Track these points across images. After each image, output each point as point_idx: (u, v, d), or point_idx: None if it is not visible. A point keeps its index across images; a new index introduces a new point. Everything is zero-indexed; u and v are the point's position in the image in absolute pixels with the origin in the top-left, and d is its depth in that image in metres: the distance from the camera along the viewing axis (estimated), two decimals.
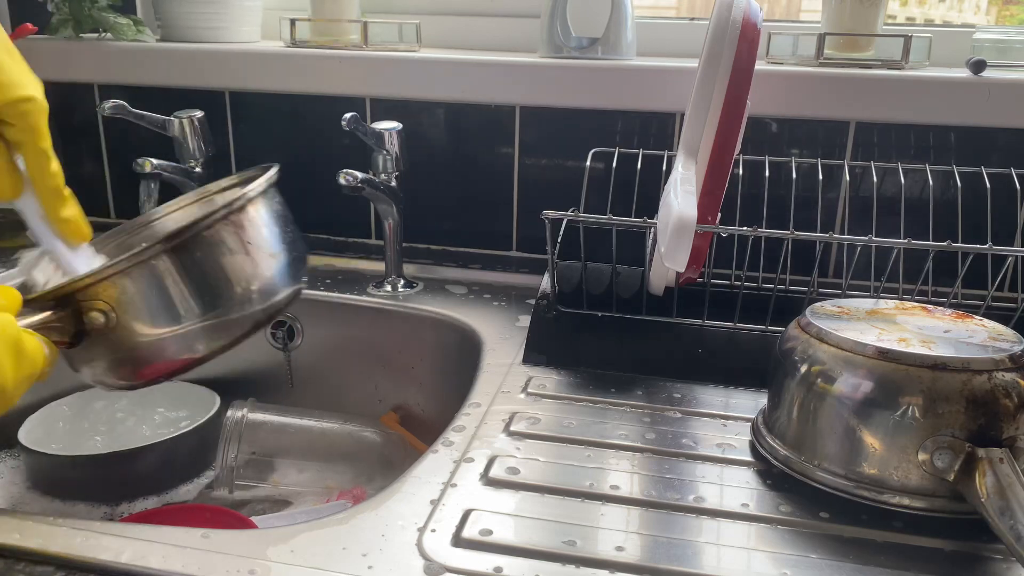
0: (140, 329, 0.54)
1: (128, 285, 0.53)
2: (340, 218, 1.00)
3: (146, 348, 0.55)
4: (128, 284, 0.53)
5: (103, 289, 0.52)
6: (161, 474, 0.75)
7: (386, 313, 0.85)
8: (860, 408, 0.50)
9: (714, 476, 0.54)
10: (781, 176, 0.84)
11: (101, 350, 0.54)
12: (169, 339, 0.55)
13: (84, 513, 0.72)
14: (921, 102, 0.81)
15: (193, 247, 0.55)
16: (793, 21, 1.09)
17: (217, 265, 0.56)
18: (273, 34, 1.05)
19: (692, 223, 0.54)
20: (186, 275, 0.54)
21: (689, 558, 0.45)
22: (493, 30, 1.04)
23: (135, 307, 0.53)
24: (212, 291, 0.55)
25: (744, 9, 0.62)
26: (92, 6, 0.99)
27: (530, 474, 0.54)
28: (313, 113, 0.96)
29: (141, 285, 0.53)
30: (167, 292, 0.54)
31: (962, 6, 1.10)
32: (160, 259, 0.53)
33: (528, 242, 0.96)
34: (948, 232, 0.76)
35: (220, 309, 0.56)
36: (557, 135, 0.91)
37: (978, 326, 0.55)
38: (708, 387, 0.67)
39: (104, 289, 0.52)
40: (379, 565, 0.44)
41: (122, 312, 0.53)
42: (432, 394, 0.85)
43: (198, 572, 0.44)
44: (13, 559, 0.45)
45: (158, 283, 0.54)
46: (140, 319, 0.54)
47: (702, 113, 0.63)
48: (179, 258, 0.54)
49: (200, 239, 0.55)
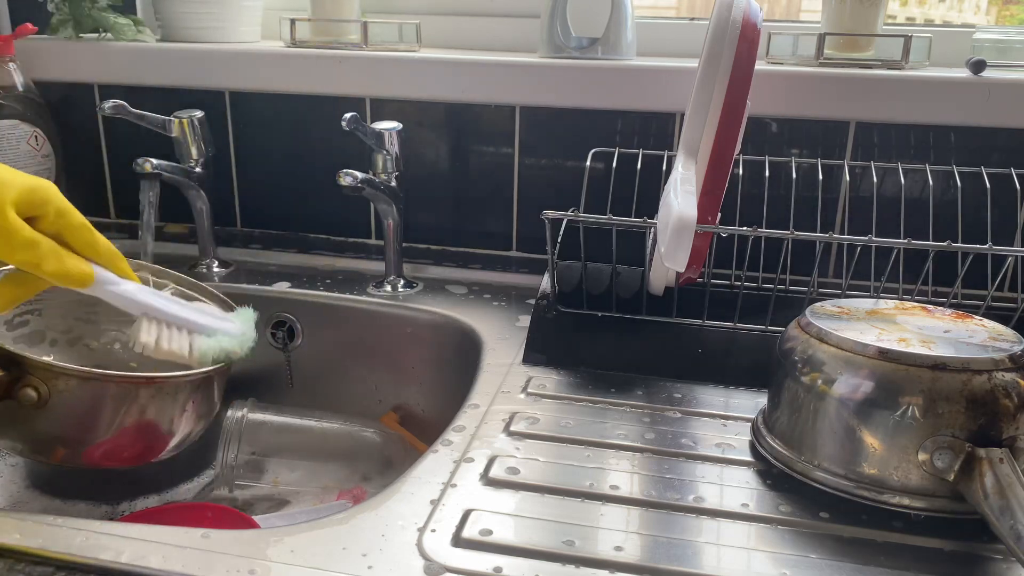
0: (56, 425, 0.55)
1: (77, 388, 0.55)
2: (340, 218, 1.00)
3: (47, 441, 0.57)
4: (77, 387, 0.55)
5: (51, 377, 0.53)
6: (161, 474, 0.75)
7: (386, 313, 0.85)
8: (860, 408, 0.50)
9: (714, 476, 0.54)
10: (781, 176, 0.84)
11: (7, 419, 0.55)
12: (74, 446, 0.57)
13: (85, 512, 0.72)
14: (921, 102, 0.81)
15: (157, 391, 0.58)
16: (793, 21, 1.09)
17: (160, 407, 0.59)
18: (273, 34, 1.05)
19: (692, 223, 0.54)
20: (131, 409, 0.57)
21: (689, 558, 0.45)
22: (493, 30, 1.04)
23: (67, 406, 0.55)
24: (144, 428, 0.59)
25: (744, 9, 0.62)
26: (92, 6, 0.99)
27: (530, 474, 0.54)
28: (313, 113, 0.96)
29: (86, 393, 0.55)
30: (103, 411, 0.56)
31: (962, 6, 1.10)
32: (120, 387, 0.56)
33: (528, 242, 0.96)
34: (948, 232, 0.76)
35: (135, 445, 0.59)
36: (557, 135, 0.91)
37: (978, 326, 0.55)
38: (708, 387, 0.67)
39: (52, 378, 0.53)
40: (379, 565, 0.44)
41: (54, 401, 0.54)
42: (432, 394, 0.85)
43: (198, 572, 0.44)
44: (13, 559, 0.45)
45: (103, 400, 0.56)
46: (64, 417, 0.55)
47: (702, 113, 0.63)
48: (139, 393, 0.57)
49: (166, 386, 0.58)
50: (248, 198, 1.02)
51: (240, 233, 1.02)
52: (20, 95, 0.94)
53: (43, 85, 0.98)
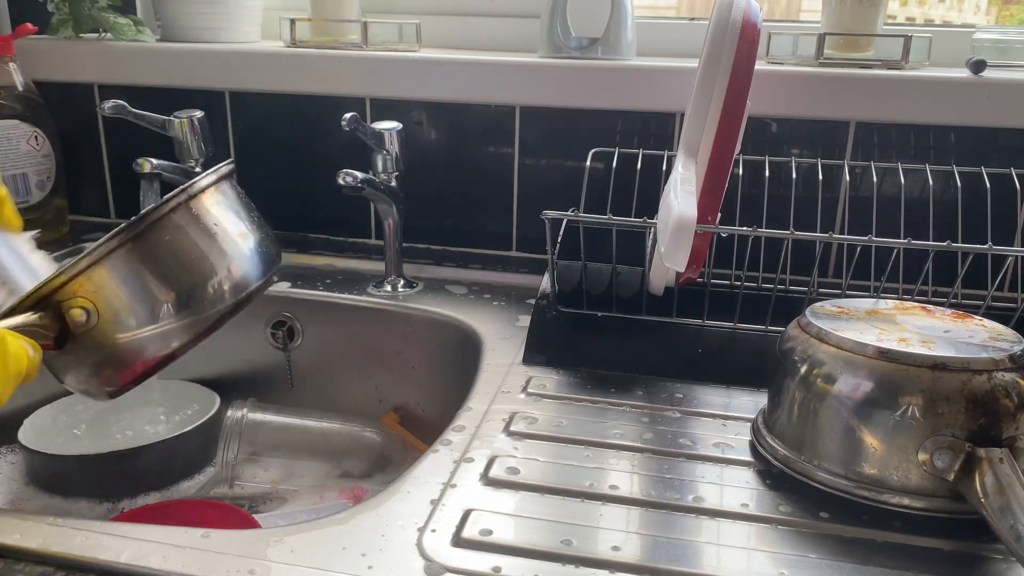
0: (121, 322, 0.54)
1: (104, 277, 0.53)
2: (340, 218, 1.00)
3: (127, 345, 0.55)
4: (104, 276, 0.53)
5: (80, 285, 0.52)
6: (161, 474, 0.75)
7: (386, 313, 0.85)
8: (860, 408, 0.50)
9: (714, 476, 0.54)
10: (781, 176, 0.84)
11: (85, 352, 0.54)
12: (148, 332, 0.55)
13: (85, 510, 0.72)
14: (921, 102, 0.81)
15: (159, 231, 0.55)
16: (793, 21, 1.09)
17: (179, 251, 0.56)
18: (273, 34, 1.05)
19: (692, 223, 0.54)
20: (150, 263, 0.55)
21: (689, 558, 0.45)
22: (493, 30, 1.04)
23: (114, 299, 0.54)
24: (178, 277, 0.56)
25: (744, 9, 0.62)
26: (92, 6, 0.99)
27: (530, 474, 0.54)
28: (313, 113, 0.96)
29: (116, 275, 0.54)
30: (137, 281, 0.54)
31: (962, 6, 1.10)
32: (128, 246, 0.54)
33: (528, 242, 0.96)
34: (948, 232, 0.76)
35: (189, 295, 0.57)
36: (557, 135, 0.91)
37: (978, 326, 0.55)
38: (708, 387, 0.67)
39: (81, 285, 0.52)
40: (379, 565, 0.44)
41: (103, 307, 0.53)
42: (432, 394, 0.85)
43: (198, 572, 0.44)
44: (13, 559, 0.45)
45: (132, 270, 0.54)
46: (120, 311, 0.54)
47: (702, 113, 0.63)
48: (147, 243, 0.55)
49: (164, 223, 0.56)
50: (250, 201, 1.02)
51: None
52: (20, 95, 0.94)
53: (43, 85, 0.98)
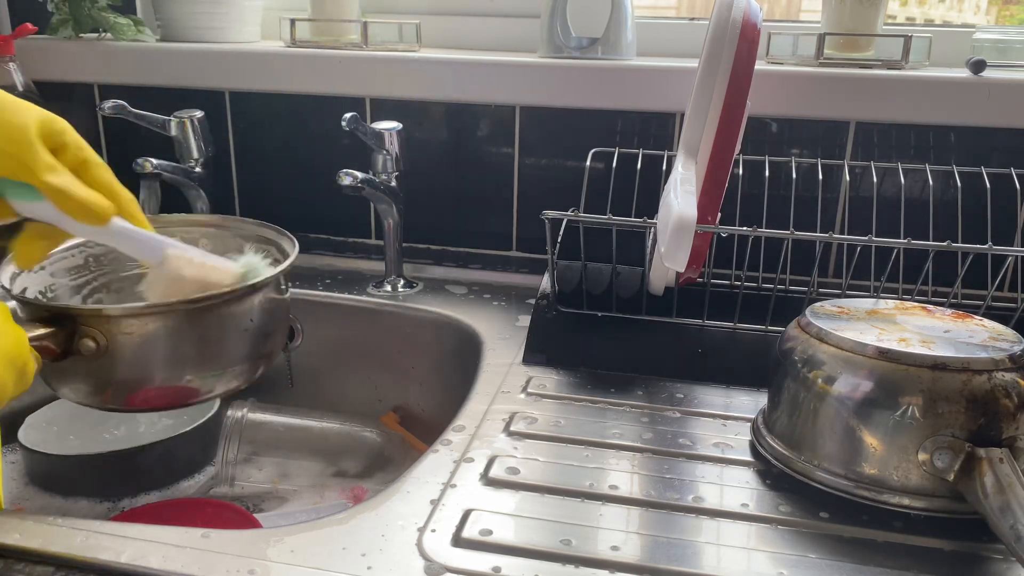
0: (124, 368, 0.54)
1: (129, 327, 0.53)
2: (340, 218, 1.00)
3: (122, 385, 0.55)
4: (130, 326, 0.53)
5: (104, 321, 0.52)
6: (161, 473, 0.75)
7: (386, 313, 0.85)
8: (860, 408, 0.50)
9: (714, 476, 0.54)
10: (781, 176, 0.84)
11: (81, 373, 0.54)
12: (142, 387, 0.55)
13: (85, 509, 0.72)
14: (921, 102, 0.81)
15: (207, 312, 0.55)
16: (793, 21, 1.09)
17: (217, 332, 0.56)
18: (273, 34, 1.05)
19: (692, 223, 0.54)
20: (186, 334, 0.55)
21: (689, 558, 0.45)
22: (493, 30, 1.04)
23: (126, 349, 0.53)
24: (200, 354, 0.56)
25: (744, 9, 0.62)
26: (92, 6, 0.99)
27: (530, 474, 0.54)
28: (313, 113, 0.96)
29: (142, 331, 0.53)
30: (163, 344, 0.54)
31: (962, 6, 1.10)
32: (171, 316, 0.54)
33: (528, 242, 0.96)
34: (948, 232, 0.76)
35: (200, 373, 0.56)
36: (557, 135, 0.91)
37: (978, 326, 0.55)
38: (708, 387, 0.67)
39: (105, 322, 0.52)
40: (379, 565, 0.44)
41: (113, 348, 0.53)
42: (432, 394, 0.85)
43: (198, 572, 0.44)
44: (13, 559, 0.45)
45: (159, 335, 0.54)
46: (127, 361, 0.54)
47: (702, 113, 0.63)
48: (189, 319, 0.54)
49: (218, 308, 0.55)
50: (248, 198, 1.02)
51: None
52: (20, 95, 0.93)
53: (43, 85, 0.98)
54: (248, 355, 0.59)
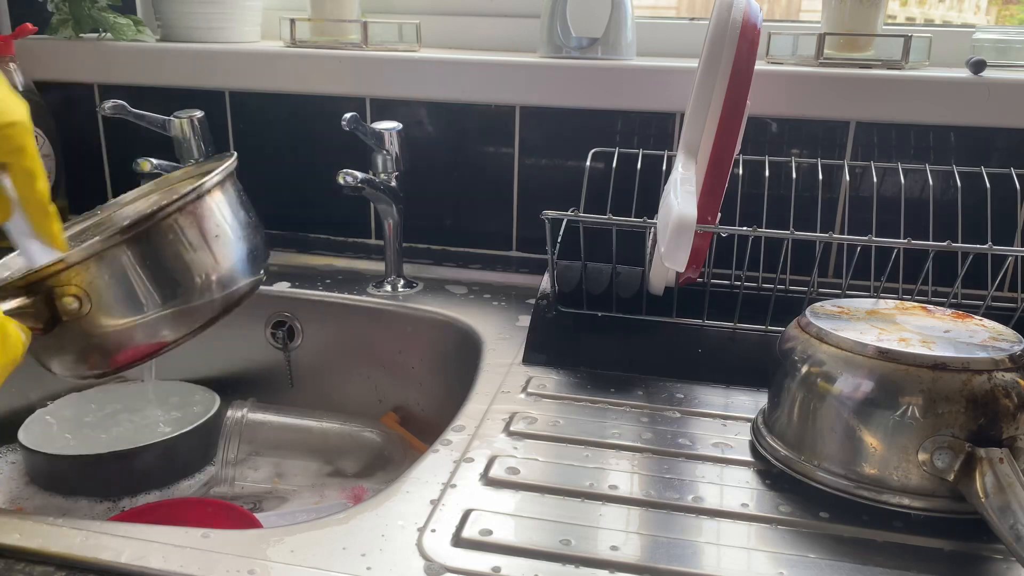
0: (111, 314, 0.55)
1: (98, 270, 0.54)
2: (340, 218, 1.00)
3: (115, 336, 0.56)
4: (98, 269, 0.54)
5: (75, 274, 0.53)
6: (161, 473, 0.75)
7: (386, 313, 0.85)
8: (860, 408, 0.50)
9: (714, 476, 0.54)
10: (781, 176, 0.84)
11: (72, 338, 0.55)
12: (136, 326, 0.57)
13: (85, 509, 0.72)
14: (921, 102, 0.81)
15: (153, 236, 0.56)
16: (793, 21, 1.09)
17: (176, 253, 0.58)
18: (273, 34, 1.05)
19: (692, 223, 0.54)
20: (147, 263, 0.56)
21: (689, 558, 0.45)
22: (493, 30, 1.04)
23: (106, 292, 0.54)
24: (172, 279, 0.57)
25: (744, 9, 0.62)
26: (92, 6, 0.99)
27: (530, 474, 0.54)
28: (313, 113, 0.96)
29: (110, 270, 0.55)
30: (131, 278, 0.55)
31: (962, 6, 1.10)
32: (121, 247, 0.55)
33: (528, 242, 0.96)
34: (948, 232, 0.76)
35: (181, 297, 0.58)
36: (557, 135, 0.91)
37: (978, 326, 0.55)
38: (708, 387, 0.67)
39: (76, 274, 0.53)
40: (379, 565, 0.44)
41: (95, 297, 0.54)
42: (432, 394, 0.85)
43: (198, 572, 0.44)
44: (13, 559, 0.45)
45: (123, 269, 0.55)
46: (111, 304, 0.55)
47: (702, 113, 0.63)
48: (139, 246, 0.56)
49: (159, 228, 0.57)
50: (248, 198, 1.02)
51: None
52: (20, 95, 0.93)
53: (43, 85, 0.98)
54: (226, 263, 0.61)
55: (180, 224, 0.58)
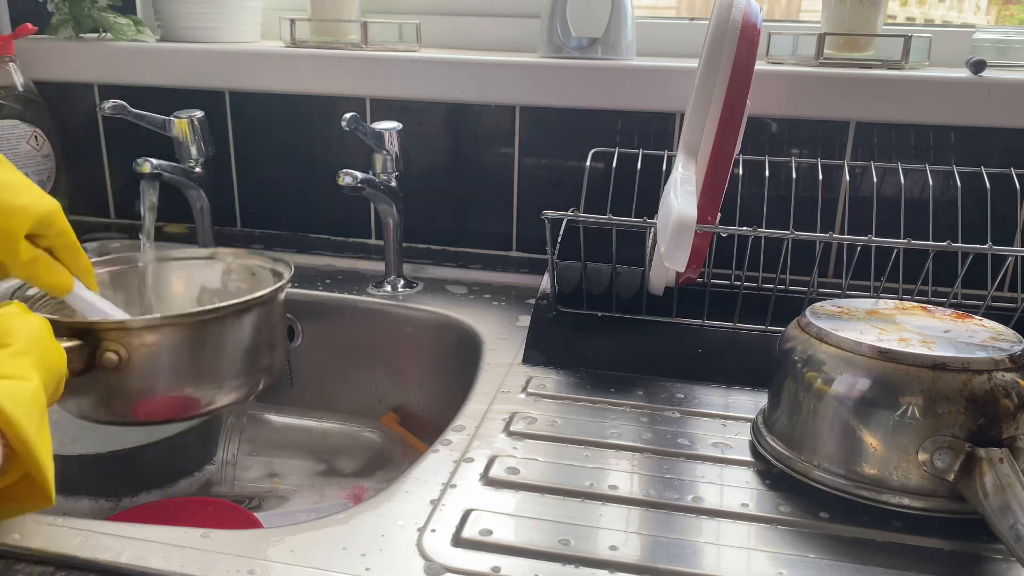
0: (143, 379, 0.58)
1: (148, 339, 0.57)
2: (340, 218, 1.00)
3: (140, 396, 0.59)
4: (149, 338, 0.57)
5: (125, 335, 0.56)
6: (161, 473, 0.75)
7: (386, 313, 0.85)
8: (860, 408, 0.50)
9: (714, 476, 0.54)
10: (781, 176, 0.84)
11: (97, 386, 0.58)
12: (165, 396, 0.60)
13: (85, 509, 0.72)
14: (921, 102, 0.81)
15: (211, 327, 0.60)
16: (793, 21, 1.09)
17: (220, 346, 0.61)
18: (273, 34, 1.05)
19: (692, 223, 0.54)
20: (196, 348, 0.59)
21: (688, 558, 0.45)
22: (493, 30, 1.04)
23: (148, 360, 0.57)
24: (216, 366, 0.61)
25: (744, 9, 0.62)
26: (92, 6, 0.99)
27: (530, 474, 0.54)
28: (313, 113, 0.96)
29: (159, 343, 0.57)
30: (176, 356, 0.58)
31: (962, 6, 1.10)
32: (179, 328, 0.58)
33: (528, 242, 0.96)
34: (948, 232, 0.76)
35: (215, 382, 0.61)
36: (557, 135, 0.91)
37: (978, 326, 0.55)
38: (708, 387, 0.67)
39: (126, 335, 0.56)
40: (379, 565, 0.44)
41: (135, 360, 0.56)
42: (432, 394, 0.85)
43: (198, 572, 0.44)
44: (13, 559, 0.45)
45: (172, 346, 0.58)
46: (147, 371, 0.57)
47: (702, 113, 0.63)
48: (196, 332, 0.59)
49: (221, 321, 0.60)
50: (248, 198, 1.02)
51: (240, 233, 1.02)
52: (20, 95, 0.94)
53: (43, 85, 0.98)
54: (246, 368, 0.63)
55: (238, 320, 0.61)
